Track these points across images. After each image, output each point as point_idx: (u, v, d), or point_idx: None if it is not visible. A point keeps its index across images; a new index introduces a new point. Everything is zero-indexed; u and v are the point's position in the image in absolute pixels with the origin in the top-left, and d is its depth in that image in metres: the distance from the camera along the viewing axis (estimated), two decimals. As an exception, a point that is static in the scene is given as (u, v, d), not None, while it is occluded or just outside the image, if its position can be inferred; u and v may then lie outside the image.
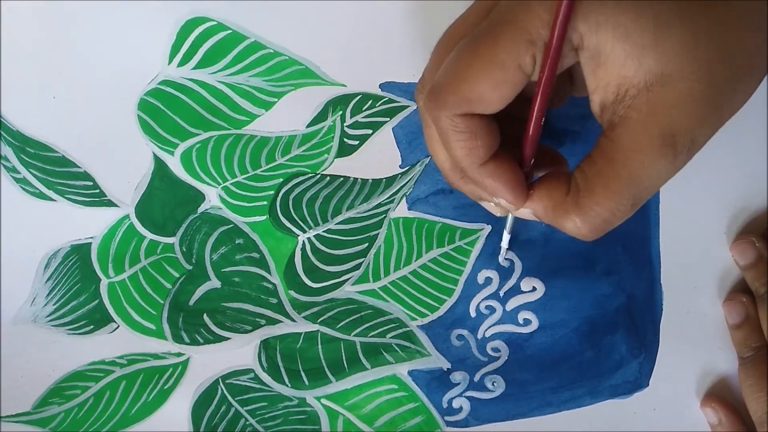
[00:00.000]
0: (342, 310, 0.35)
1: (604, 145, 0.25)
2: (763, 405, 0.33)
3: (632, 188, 0.25)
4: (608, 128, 0.25)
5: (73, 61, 0.35)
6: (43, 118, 0.35)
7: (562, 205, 0.26)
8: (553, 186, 0.27)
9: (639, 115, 0.24)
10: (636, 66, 0.23)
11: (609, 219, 0.26)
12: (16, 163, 0.35)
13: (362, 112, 0.35)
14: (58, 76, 0.35)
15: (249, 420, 0.35)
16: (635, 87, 0.24)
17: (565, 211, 0.26)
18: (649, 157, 0.24)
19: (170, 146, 0.35)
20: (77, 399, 0.36)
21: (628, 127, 0.24)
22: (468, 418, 0.35)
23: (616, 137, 0.25)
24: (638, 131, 0.24)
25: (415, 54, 0.35)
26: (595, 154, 0.26)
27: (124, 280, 0.36)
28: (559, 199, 0.27)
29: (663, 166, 0.24)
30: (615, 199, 0.25)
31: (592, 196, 0.25)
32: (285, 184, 0.35)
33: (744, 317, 0.34)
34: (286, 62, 0.35)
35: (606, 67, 0.24)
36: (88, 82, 0.35)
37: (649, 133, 0.24)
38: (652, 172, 0.24)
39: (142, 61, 0.35)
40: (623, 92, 0.24)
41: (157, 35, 0.35)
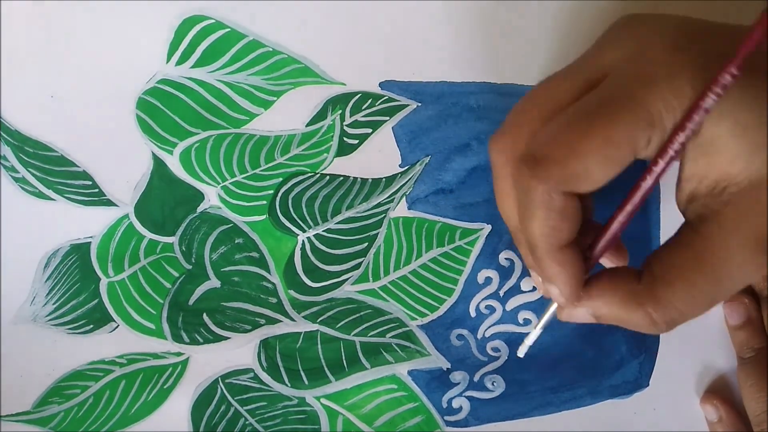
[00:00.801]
0: (342, 310, 0.35)
1: (689, 238, 0.24)
2: (762, 405, 0.33)
3: (716, 286, 0.24)
4: (696, 220, 0.24)
5: (72, 60, 0.35)
6: (42, 117, 0.35)
7: (633, 296, 0.25)
8: (620, 278, 0.25)
9: (736, 214, 0.23)
10: (744, 164, 0.22)
11: (685, 313, 0.24)
12: (15, 163, 0.35)
13: (362, 111, 0.35)
14: (57, 75, 0.35)
15: (248, 419, 0.36)
16: (737, 185, 0.23)
17: (636, 303, 0.25)
18: (740, 258, 0.23)
19: (169, 145, 0.35)
20: (77, 398, 0.36)
21: (721, 224, 0.23)
22: (468, 418, 0.35)
23: (706, 233, 0.23)
24: (732, 230, 0.23)
25: (415, 53, 0.34)
26: (678, 246, 0.24)
27: (124, 279, 0.36)
28: (629, 289, 0.25)
29: (751, 270, 0.23)
30: (697, 295, 0.24)
31: (672, 288, 0.24)
32: (284, 183, 0.35)
33: (745, 318, 0.34)
34: (285, 61, 0.35)
35: (711, 158, 0.23)
36: (86, 81, 0.35)
37: (744, 234, 0.23)
38: (739, 274, 0.23)
39: (141, 60, 0.35)
40: (721, 188, 0.23)
41: (155, 34, 0.35)
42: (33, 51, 0.35)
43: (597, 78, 0.24)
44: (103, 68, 0.35)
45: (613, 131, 0.22)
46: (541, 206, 0.24)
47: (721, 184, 0.23)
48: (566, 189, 0.24)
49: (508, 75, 0.35)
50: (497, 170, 0.27)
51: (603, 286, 0.26)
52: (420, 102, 0.35)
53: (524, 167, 0.24)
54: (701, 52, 0.23)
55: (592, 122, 0.23)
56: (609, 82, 0.24)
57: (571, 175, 0.23)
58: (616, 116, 0.23)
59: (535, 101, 0.26)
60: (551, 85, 0.26)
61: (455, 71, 0.35)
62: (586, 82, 0.25)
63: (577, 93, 0.25)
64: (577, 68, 0.25)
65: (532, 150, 0.24)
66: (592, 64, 0.25)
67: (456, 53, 0.34)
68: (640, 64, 0.23)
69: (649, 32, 0.24)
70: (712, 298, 0.24)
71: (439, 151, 0.35)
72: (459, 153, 0.35)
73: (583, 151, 0.23)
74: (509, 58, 0.34)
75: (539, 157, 0.23)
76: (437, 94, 0.35)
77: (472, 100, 0.35)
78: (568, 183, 0.23)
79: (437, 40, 0.34)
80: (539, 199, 0.24)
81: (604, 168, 0.23)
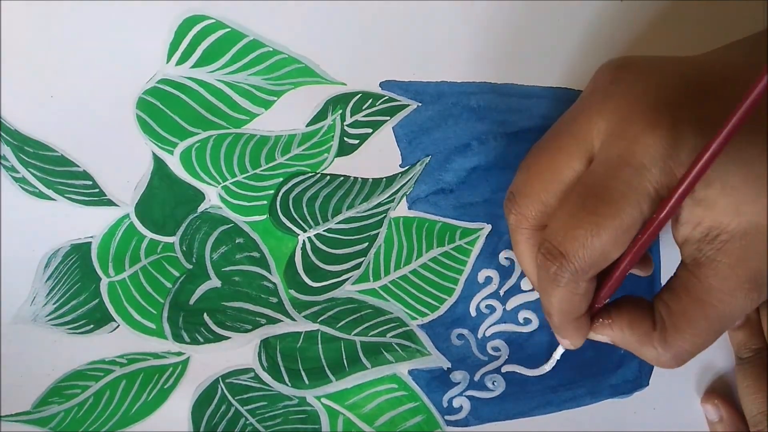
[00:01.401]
0: (342, 310, 0.35)
1: (689, 283, 0.26)
2: (759, 405, 0.33)
3: (718, 325, 0.26)
4: (693, 265, 0.26)
5: (72, 60, 0.35)
6: (42, 117, 0.35)
7: (648, 339, 0.28)
8: (636, 319, 0.28)
9: (729, 260, 0.25)
10: (734, 214, 0.24)
11: (693, 352, 0.27)
12: (15, 163, 0.35)
13: (362, 110, 0.35)
14: (57, 75, 0.35)
15: (249, 419, 0.36)
16: (728, 233, 0.24)
17: (651, 346, 0.28)
18: (737, 299, 0.25)
19: (170, 145, 0.35)
20: (77, 398, 0.36)
21: (716, 270, 0.25)
22: (468, 418, 0.35)
23: (704, 278, 0.25)
24: (727, 275, 0.25)
25: (415, 52, 0.34)
26: (681, 292, 0.27)
27: (125, 279, 0.36)
28: (645, 332, 0.28)
29: (748, 306, 0.25)
30: (703, 336, 0.26)
31: (680, 333, 0.27)
32: (285, 183, 0.35)
33: (744, 318, 0.34)
34: (286, 60, 0.35)
35: (703, 208, 0.24)
36: (86, 81, 0.35)
37: (738, 277, 0.25)
38: (738, 311, 0.26)
39: (141, 60, 0.35)
40: (714, 235, 0.25)
41: (155, 33, 0.35)
42: (33, 51, 0.35)
43: (591, 153, 0.26)
44: (103, 68, 0.35)
45: (620, 221, 0.25)
46: (566, 291, 0.27)
47: (713, 231, 0.25)
48: (590, 276, 0.26)
49: (508, 75, 0.35)
50: (514, 235, 0.29)
51: (622, 325, 0.28)
52: (420, 102, 0.35)
53: (551, 260, 0.26)
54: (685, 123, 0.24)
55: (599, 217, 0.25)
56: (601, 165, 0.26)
57: (593, 263, 0.26)
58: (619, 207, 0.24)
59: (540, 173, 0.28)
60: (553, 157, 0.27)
61: (455, 71, 0.35)
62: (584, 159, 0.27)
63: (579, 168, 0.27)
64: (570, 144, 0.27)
65: (553, 242, 0.26)
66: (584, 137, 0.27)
67: (456, 53, 0.34)
68: (625, 147, 0.25)
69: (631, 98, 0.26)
70: (716, 334, 0.27)
71: (439, 151, 0.35)
72: (459, 153, 0.35)
73: (599, 244, 0.25)
74: (509, 58, 0.34)
75: (562, 252, 0.26)
76: (437, 94, 0.35)
77: (472, 100, 0.35)
78: (592, 270, 0.26)
79: (437, 40, 0.34)
80: (564, 287, 0.27)
81: (620, 248, 0.25)
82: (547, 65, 0.35)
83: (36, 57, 0.35)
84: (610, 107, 0.26)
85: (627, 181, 0.24)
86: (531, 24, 0.34)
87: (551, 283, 0.27)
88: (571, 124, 0.27)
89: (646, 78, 0.26)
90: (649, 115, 0.25)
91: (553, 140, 0.28)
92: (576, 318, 0.28)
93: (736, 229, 0.24)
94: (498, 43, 0.34)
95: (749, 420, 0.33)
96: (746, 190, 0.24)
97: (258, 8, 0.34)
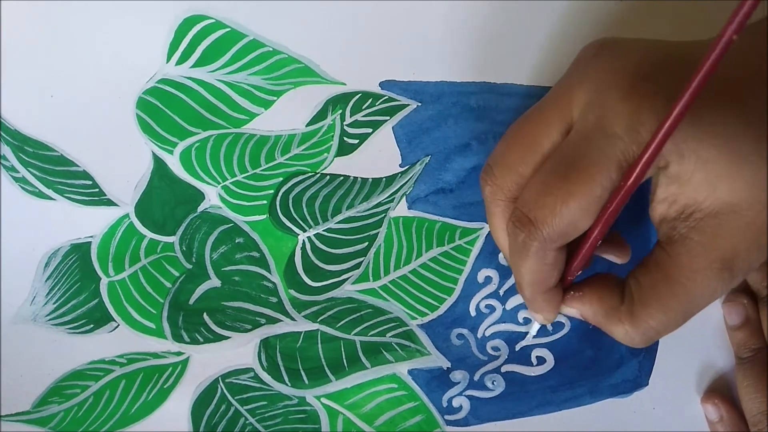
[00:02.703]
0: (342, 309, 0.35)
1: (661, 260, 0.26)
2: (759, 405, 0.33)
3: (687, 305, 0.26)
4: (666, 242, 0.26)
5: (72, 59, 0.35)
6: (42, 117, 0.35)
7: (615, 313, 0.28)
8: (606, 293, 0.28)
9: (702, 238, 0.25)
10: (709, 192, 0.24)
11: (661, 331, 0.27)
12: (15, 163, 0.35)
13: (362, 110, 0.35)
14: (57, 74, 0.35)
15: (249, 419, 0.36)
16: (702, 211, 0.24)
17: (618, 320, 0.27)
18: (707, 279, 0.25)
19: (169, 145, 0.35)
20: (77, 398, 0.36)
21: (688, 247, 0.25)
22: (468, 417, 0.35)
23: (675, 255, 0.25)
24: (699, 253, 0.25)
25: (415, 52, 0.35)
26: (652, 267, 0.26)
27: (124, 279, 0.36)
28: (612, 306, 0.28)
29: (718, 287, 0.25)
30: (670, 315, 0.26)
31: (647, 309, 0.26)
32: (285, 183, 0.35)
33: (744, 318, 0.34)
34: (286, 60, 0.35)
35: (679, 185, 0.25)
36: (86, 80, 0.35)
37: (710, 256, 0.25)
38: (707, 291, 0.25)
39: (141, 60, 0.35)
40: (689, 212, 0.25)
41: (155, 33, 0.35)
42: (33, 51, 0.35)
43: (570, 125, 0.27)
44: (103, 68, 0.35)
45: (591, 188, 0.25)
46: (534, 260, 0.27)
47: (688, 209, 0.25)
48: (558, 245, 0.26)
49: (508, 75, 0.35)
50: (491, 208, 0.29)
51: (591, 298, 0.29)
52: (420, 102, 0.35)
53: (519, 227, 0.26)
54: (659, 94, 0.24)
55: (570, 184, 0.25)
56: (576, 134, 0.26)
57: (562, 233, 0.26)
58: (591, 174, 0.25)
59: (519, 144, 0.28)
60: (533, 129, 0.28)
61: (455, 71, 0.35)
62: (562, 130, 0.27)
63: (557, 140, 0.27)
64: (551, 114, 0.27)
65: (525, 210, 0.26)
66: (563, 107, 0.27)
67: (456, 53, 0.35)
68: (600, 115, 0.25)
69: (610, 71, 0.26)
70: (684, 314, 0.26)
71: (439, 151, 0.35)
72: (459, 153, 0.35)
73: (568, 212, 0.25)
74: (509, 58, 0.34)
75: (531, 219, 0.26)
76: (437, 94, 0.35)
77: (472, 100, 0.35)
78: (560, 240, 0.26)
79: (437, 40, 0.34)
80: (533, 255, 0.27)
81: (589, 218, 0.25)
82: (547, 65, 0.35)
83: (36, 57, 0.35)
84: (590, 78, 0.26)
85: (599, 148, 0.24)
86: (531, 24, 0.34)
87: (521, 252, 0.27)
88: (552, 97, 0.28)
89: (627, 54, 0.26)
90: (625, 86, 0.25)
91: (533, 112, 0.28)
92: (546, 290, 0.28)
93: (711, 206, 0.24)
94: (498, 43, 0.34)
95: (749, 420, 0.33)
96: (721, 165, 0.24)
97: (258, 8, 0.35)
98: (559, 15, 0.34)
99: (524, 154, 0.27)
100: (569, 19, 0.34)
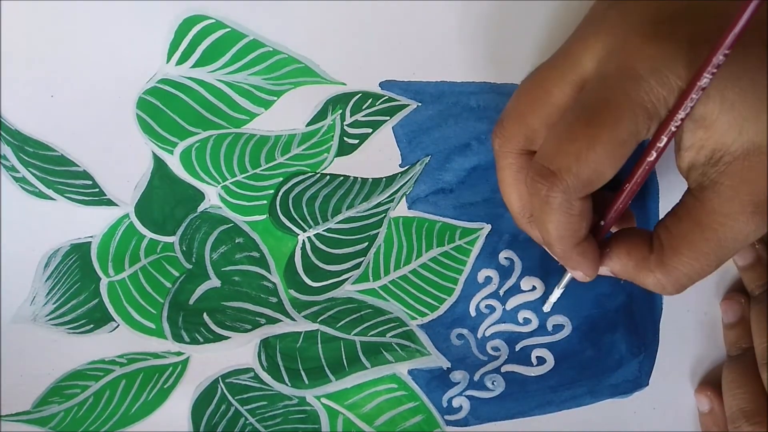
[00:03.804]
0: (342, 309, 0.35)
1: (691, 206, 0.26)
2: (739, 401, 0.33)
3: (719, 250, 0.25)
4: (697, 189, 0.25)
5: (72, 59, 0.35)
6: (42, 116, 0.35)
7: (645, 263, 0.27)
8: (634, 244, 0.28)
9: (732, 181, 0.24)
10: (736, 135, 0.24)
11: (693, 277, 0.26)
12: (15, 162, 0.35)
13: (362, 110, 0.35)
14: (57, 74, 0.35)
15: (249, 419, 0.36)
16: (731, 154, 0.24)
17: (648, 270, 0.27)
18: (740, 223, 0.25)
19: (169, 145, 0.35)
20: (77, 398, 0.36)
21: (719, 192, 0.25)
22: (468, 417, 0.35)
23: (706, 201, 0.25)
24: (730, 197, 0.24)
25: (415, 53, 0.34)
26: (682, 214, 0.26)
27: (124, 279, 0.36)
28: (642, 257, 0.27)
29: (751, 231, 0.25)
30: (701, 260, 0.26)
31: (678, 256, 0.26)
32: (285, 183, 0.35)
33: (740, 317, 0.34)
34: (286, 60, 0.35)
35: (706, 130, 0.24)
36: (86, 80, 0.35)
37: (741, 200, 0.24)
38: (740, 236, 0.25)
39: (141, 60, 0.35)
40: (718, 157, 0.24)
41: (155, 33, 0.35)
42: (33, 51, 0.35)
43: (584, 77, 0.26)
44: (103, 68, 0.35)
45: (618, 133, 0.24)
46: (561, 213, 0.26)
47: (717, 153, 0.24)
48: (583, 194, 0.25)
49: (508, 75, 0.35)
50: (500, 162, 0.29)
51: (620, 252, 0.28)
52: (420, 102, 0.35)
53: (541, 180, 0.25)
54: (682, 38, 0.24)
55: (595, 130, 0.24)
56: (598, 82, 0.25)
57: (587, 181, 0.25)
58: (617, 118, 0.24)
59: (530, 98, 0.27)
60: (544, 84, 0.27)
61: (455, 71, 0.35)
62: (575, 82, 0.26)
63: (569, 92, 0.26)
64: (564, 65, 0.27)
65: (545, 162, 0.25)
66: (578, 60, 0.26)
67: (456, 53, 0.34)
68: (623, 60, 0.24)
69: (627, 21, 0.25)
70: (716, 260, 0.26)
71: (439, 151, 0.35)
72: (459, 153, 0.35)
73: (594, 157, 0.24)
74: (509, 58, 0.34)
75: (553, 170, 0.25)
76: (437, 94, 0.35)
77: (472, 100, 0.35)
78: (586, 189, 0.25)
79: (437, 40, 0.34)
80: (558, 208, 0.26)
81: (614, 165, 0.25)
82: (546, 65, 0.35)
83: (36, 57, 0.35)
84: (607, 28, 0.26)
85: (624, 92, 0.24)
86: (531, 24, 0.34)
87: (544, 207, 0.26)
88: (565, 49, 0.27)
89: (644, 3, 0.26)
90: (648, 28, 0.24)
91: (544, 66, 0.28)
92: (577, 243, 0.27)
93: (739, 149, 0.24)
94: (498, 43, 0.34)
95: (728, 416, 0.33)
96: (747, 107, 0.23)
97: (258, 8, 0.34)
98: (560, 15, 0.34)
99: (534, 106, 0.27)
100: (569, 19, 0.34)
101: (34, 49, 0.35)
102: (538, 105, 0.27)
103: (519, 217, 0.30)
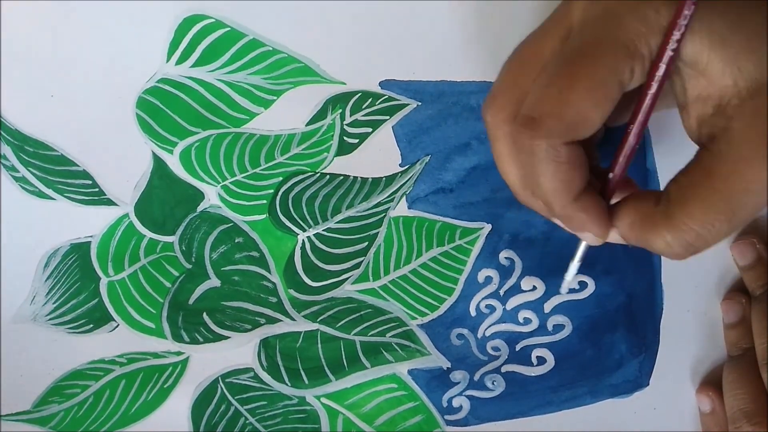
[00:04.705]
0: (342, 309, 0.35)
1: (702, 157, 0.24)
2: (739, 402, 0.32)
3: (731, 202, 0.23)
4: (708, 141, 0.24)
5: (72, 59, 0.35)
6: (42, 116, 0.35)
7: (651, 218, 0.25)
8: (642, 199, 0.26)
9: (742, 124, 0.23)
10: (735, 74, 0.22)
11: (703, 236, 0.24)
12: (15, 162, 0.35)
13: (362, 110, 0.35)
14: (57, 74, 0.35)
15: (249, 419, 0.36)
16: (737, 97, 0.23)
17: (653, 225, 0.25)
18: (753, 168, 0.22)
19: (169, 145, 0.35)
20: (77, 398, 0.36)
21: (730, 138, 0.23)
22: (468, 417, 0.35)
23: (716, 149, 0.23)
24: (742, 141, 0.23)
25: (415, 52, 0.34)
26: (692, 166, 0.24)
27: (124, 278, 0.36)
28: (648, 210, 0.25)
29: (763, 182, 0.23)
30: (711, 214, 0.23)
31: (685, 208, 0.24)
32: (284, 182, 0.35)
33: (740, 318, 0.34)
34: (285, 60, 0.35)
35: (703, 78, 0.23)
36: (86, 80, 0.35)
37: (753, 143, 0.22)
38: (754, 185, 0.23)
39: (141, 59, 0.35)
40: (725, 103, 0.23)
41: (155, 33, 0.35)
42: (33, 51, 0.35)
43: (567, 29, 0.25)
44: (103, 68, 0.35)
45: (597, 71, 0.23)
46: (549, 162, 0.24)
47: (724, 100, 0.23)
48: (568, 139, 0.24)
49: (508, 74, 0.34)
50: (493, 133, 0.27)
51: (626, 209, 0.26)
52: (420, 101, 0.35)
53: (523, 129, 0.24)
54: None
55: (574, 69, 0.23)
56: (579, 28, 0.25)
57: (570, 124, 0.24)
58: (596, 57, 0.23)
59: (520, 61, 0.27)
60: (533, 44, 0.26)
61: (455, 71, 0.35)
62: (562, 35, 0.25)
63: (558, 45, 0.25)
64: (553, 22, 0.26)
65: (527, 111, 0.24)
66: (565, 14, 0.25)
67: (456, 53, 0.34)
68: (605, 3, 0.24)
69: None
70: (732, 215, 0.23)
71: (439, 151, 0.35)
72: (459, 152, 0.35)
73: (575, 98, 0.23)
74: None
75: (536, 116, 0.24)
76: (437, 94, 0.35)
77: (472, 100, 0.35)
78: (569, 133, 0.24)
79: (437, 40, 0.34)
80: (545, 156, 0.24)
81: (598, 108, 0.24)
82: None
83: (36, 57, 0.35)
84: None
85: (604, 31, 0.23)
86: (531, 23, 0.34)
87: (531, 160, 0.25)
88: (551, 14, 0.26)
89: None
90: None
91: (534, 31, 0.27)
92: (576, 197, 0.25)
93: (743, 89, 0.23)
94: (498, 43, 0.34)
95: (729, 416, 0.33)
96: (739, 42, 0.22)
97: (258, 8, 0.34)
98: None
99: (523, 67, 0.26)
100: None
101: (34, 49, 0.35)
102: (528, 65, 0.26)
103: (519, 190, 0.28)
